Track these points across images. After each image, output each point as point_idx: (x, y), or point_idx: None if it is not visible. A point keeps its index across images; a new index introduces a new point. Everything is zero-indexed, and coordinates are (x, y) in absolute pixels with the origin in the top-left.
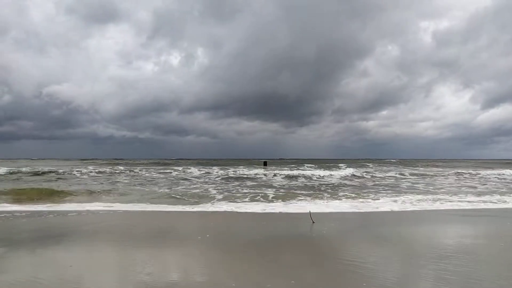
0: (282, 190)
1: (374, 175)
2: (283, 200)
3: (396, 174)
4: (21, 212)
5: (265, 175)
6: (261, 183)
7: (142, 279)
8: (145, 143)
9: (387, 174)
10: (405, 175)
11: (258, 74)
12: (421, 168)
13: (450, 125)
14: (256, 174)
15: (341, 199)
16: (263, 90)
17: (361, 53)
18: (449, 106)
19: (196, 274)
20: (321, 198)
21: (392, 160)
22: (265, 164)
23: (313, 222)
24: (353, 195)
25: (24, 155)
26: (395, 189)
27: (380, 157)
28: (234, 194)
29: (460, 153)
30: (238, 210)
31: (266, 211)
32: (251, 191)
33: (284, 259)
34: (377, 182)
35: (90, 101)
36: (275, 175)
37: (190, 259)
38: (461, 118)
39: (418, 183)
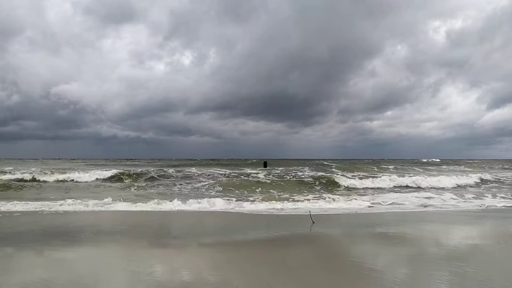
0: None
1: None
2: None
3: None
4: None
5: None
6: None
7: (152, 279)
8: (148, 143)
9: None
10: None
11: (268, 74)
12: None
13: (454, 125)
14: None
15: None
16: (272, 90)
17: (371, 53)
18: (456, 106)
19: (205, 274)
20: None
21: (435, 160)
22: (265, 164)
23: (313, 222)
24: None
25: (25, 155)
26: None
27: (380, 157)
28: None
29: (461, 153)
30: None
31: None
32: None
33: (292, 259)
34: None
35: (97, 101)
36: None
37: (196, 259)
38: (466, 118)
39: None
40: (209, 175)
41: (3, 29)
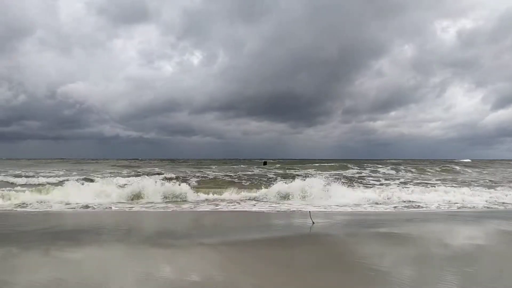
0: None
1: None
2: None
3: None
4: None
5: None
6: None
7: (158, 278)
8: (149, 143)
9: None
10: None
11: (275, 74)
12: None
13: (457, 125)
14: None
15: None
16: (278, 90)
17: (378, 53)
18: (460, 106)
19: (210, 273)
20: None
21: (465, 160)
22: (264, 164)
23: (313, 222)
24: None
25: (26, 155)
26: None
27: (381, 158)
28: None
29: (461, 154)
30: None
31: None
32: None
33: (294, 259)
34: None
35: (103, 101)
36: None
37: (200, 259)
38: (469, 118)
39: None
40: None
41: (15, 29)
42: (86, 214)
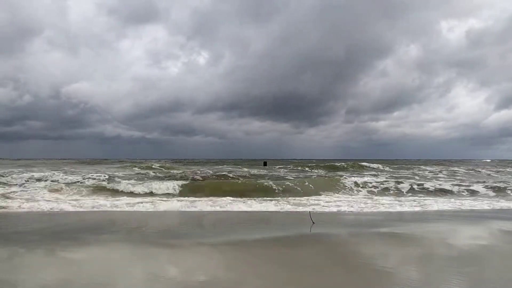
0: None
1: None
2: None
3: None
4: None
5: None
6: None
7: (163, 278)
8: (150, 143)
9: None
10: None
11: (281, 74)
12: None
13: (460, 125)
14: None
15: None
16: (283, 90)
17: (383, 53)
18: (464, 106)
19: (214, 273)
20: None
21: (487, 160)
22: (265, 164)
23: (313, 222)
24: None
25: (26, 155)
26: None
27: (382, 158)
28: None
29: (462, 154)
30: None
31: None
32: None
33: (295, 259)
34: None
35: (106, 101)
36: None
37: (203, 259)
38: (472, 118)
39: None
40: None
41: (24, 30)
42: (87, 214)
